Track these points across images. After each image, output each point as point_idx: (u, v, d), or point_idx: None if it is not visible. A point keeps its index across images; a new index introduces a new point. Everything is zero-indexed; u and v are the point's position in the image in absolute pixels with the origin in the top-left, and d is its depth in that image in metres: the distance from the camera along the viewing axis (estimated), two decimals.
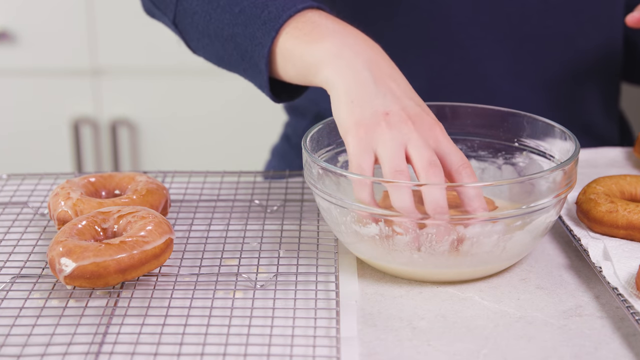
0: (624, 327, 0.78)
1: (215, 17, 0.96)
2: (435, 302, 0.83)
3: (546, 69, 1.15)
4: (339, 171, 0.84)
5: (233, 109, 2.16)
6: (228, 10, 0.95)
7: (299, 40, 0.89)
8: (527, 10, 1.12)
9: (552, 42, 1.14)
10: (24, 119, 2.20)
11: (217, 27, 0.96)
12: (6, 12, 2.12)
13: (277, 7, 0.91)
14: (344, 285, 0.84)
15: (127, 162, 2.23)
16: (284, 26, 0.90)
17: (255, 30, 0.92)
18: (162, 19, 1.05)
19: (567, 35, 1.14)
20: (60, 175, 1.06)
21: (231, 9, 0.95)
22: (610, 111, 1.23)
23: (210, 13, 0.97)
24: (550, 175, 0.83)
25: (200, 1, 0.98)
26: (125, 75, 2.16)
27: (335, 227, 0.87)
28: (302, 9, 0.91)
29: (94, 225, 0.86)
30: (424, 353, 0.75)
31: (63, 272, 0.80)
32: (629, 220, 0.87)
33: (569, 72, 1.16)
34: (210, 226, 0.95)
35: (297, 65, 0.89)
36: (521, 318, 0.80)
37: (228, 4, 0.95)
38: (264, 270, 0.87)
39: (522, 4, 1.11)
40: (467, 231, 0.81)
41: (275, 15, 0.91)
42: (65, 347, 0.75)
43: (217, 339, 0.76)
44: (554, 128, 0.92)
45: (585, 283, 0.86)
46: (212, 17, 0.96)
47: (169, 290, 0.83)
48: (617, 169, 1.08)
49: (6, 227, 0.96)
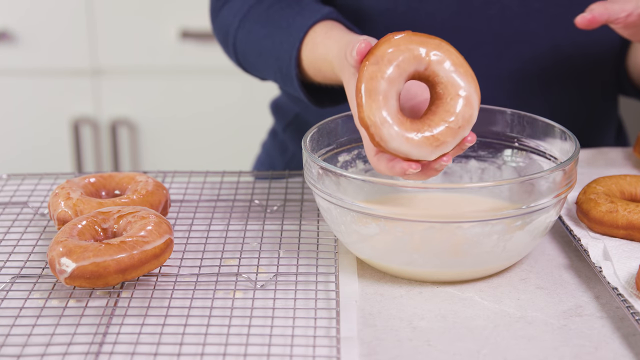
0: (624, 327, 0.78)
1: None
2: (435, 302, 0.83)
3: (527, 73, 1.14)
4: (339, 171, 0.84)
5: (233, 109, 2.16)
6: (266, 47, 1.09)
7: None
8: (508, 13, 1.11)
9: (534, 46, 1.13)
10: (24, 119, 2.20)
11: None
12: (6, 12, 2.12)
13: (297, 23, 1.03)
14: (344, 285, 0.84)
15: (127, 162, 2.23)
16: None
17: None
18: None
19: (550, 39, 1.13)
20: (60, 175, 1.06)
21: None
22: (603, 117, 1.22)
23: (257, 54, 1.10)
24: (550, 175, 0.83)
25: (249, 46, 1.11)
26: (125, 75, 2.16)
27: (335, 227, 0.87)
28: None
29: (94, 225, 0.86)
30: (424, 353, 0.75)
31: (63, 272, 0.80)
32: (629, 220, 0.87)
33: (553, 76, 1.15)
34: (210, 226, 0.95)
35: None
36: (521, 318, 0.80)
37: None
38: (264, 270, 0.87)
39: (503, 8, 1.11)
40: (467, 231, 0.81)
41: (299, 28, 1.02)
42: (65, 347, 0.75)
43: (217, 339, 0.76)
44: (554, 128, 0.92)
45: (585, 283, 0.86)
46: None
47: (169, 290, 0.83)
48: (617, 169, 1.08)
49: (6, 227, 0.96)
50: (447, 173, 0.98)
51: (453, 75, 0.82)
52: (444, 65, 0.82)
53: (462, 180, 0.98)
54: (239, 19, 1.11)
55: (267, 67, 1.09)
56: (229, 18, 1.14)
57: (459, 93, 0.82)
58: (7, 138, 2.21)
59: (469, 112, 0.82)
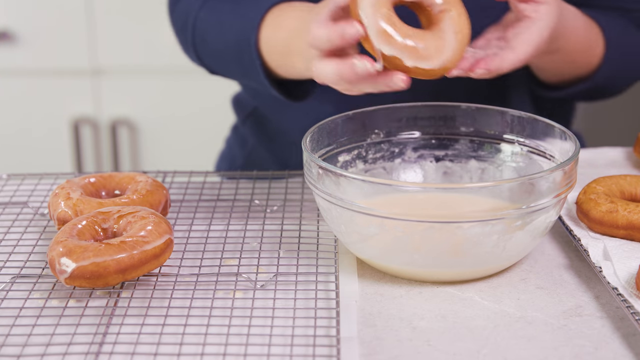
0: (624, 327, 0.78)
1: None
2: (435, 302, 0.83)
3: None
4: (338, 171, 0.84)
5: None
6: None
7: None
8: None
9: None
10: (24, 119, 2.20)
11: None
12: (6, 12, 2.12)
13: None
14: (344, 285, 0.84)
15: (127, 162, 2.23)
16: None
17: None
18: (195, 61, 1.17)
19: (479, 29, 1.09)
20: (60, 175, 1.06)
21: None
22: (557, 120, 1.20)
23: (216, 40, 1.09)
24: (550, 175, 0.83)
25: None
26: (125, 75, 2.16)
27: (335, 227, 0.87)
28: None
29: (94, 225, 0.86)
30: (424, 353, 0.75)
31: (63, 272, 0.80)
32: (629, 220, 0.87)
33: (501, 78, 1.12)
34: (210, 226, 0.95)
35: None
36: (521, 318, 0.80)
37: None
38: (264, 270, 0.87)
39: None
40: (467, 231, 0.81)
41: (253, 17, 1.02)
42: (65, 347, 0.74)
43: (217, 339, 0.76)
44: (554, 128, 0.92)
45: (585, 283, 0.86)
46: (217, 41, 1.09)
47: (169, 290, 0.83)
48: (617, 169, 1.08)
49: (6, 227, 0.96)
50: (447, 173, 0.99)
51: None
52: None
53: (462, 180, 0.98)
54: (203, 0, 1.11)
55: (226, 45, 1.08)
56: (190, 2, 1.14)
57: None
58: (7, 138, 2.22)
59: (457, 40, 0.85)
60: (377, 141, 0.97)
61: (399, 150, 0.98)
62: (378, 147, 0.97)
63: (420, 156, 0.98)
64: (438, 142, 0.98)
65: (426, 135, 0.98)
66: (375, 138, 0.97)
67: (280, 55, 1.01)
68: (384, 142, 0.97)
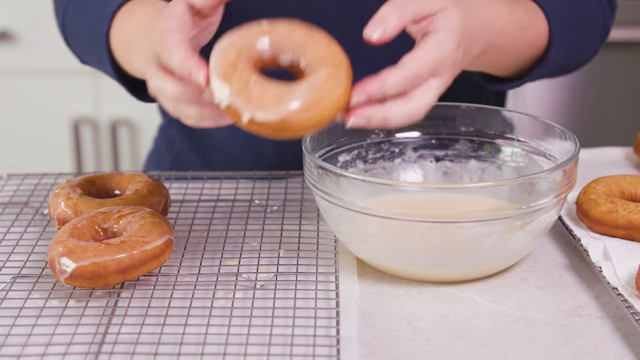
0: (624, 327, 0.78)
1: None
2: (435, 302, 0.83)
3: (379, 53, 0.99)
4: (338, 171, 0.83)
5: None
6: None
7: None
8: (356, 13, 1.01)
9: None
10: (24, 119, 2.20)
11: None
12: (6, 12, 2.12)
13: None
14: (344, 285, 0.84)
15: (127, 162, 2.23)
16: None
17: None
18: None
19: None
20: (60, 175, 1.06)
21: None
22: None
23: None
24: (550, 175, 0.83)
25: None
26: None
27: (335, 227, 0.87)
28: None
29: (94, 225, 0.86)
30: (424, 353, 0.75)
31: (63, 272, 0.80)
32: (629, 220, 0.87)
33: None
34: (210, 226, 0.95)
35: None
36: (521, 318, 0.80)
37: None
38: (264, 270, 0.87)
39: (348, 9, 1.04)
40: (467, 231, 0.81)
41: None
42: (65, 347, 0.74)
43: (217, 339, 0.76)
44: (554, 128, 0.92)
45: (585, 283, 0.86)
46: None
47: (169, 291, 0.83)
48: (617, 169, 1.08)
49: (6, 227, 0.96)
50: (447, 173, 0.99)
51: None
52: None
53: (462, 180, 0.98)
54: None
55: (85, 35, 1.04)
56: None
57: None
58: (7, 138, 2.22)
59: None
60: (377, 141, 0.97)
61: (399, 150, 0.98)
62: (378, 147, 0.97)
63: (420, 156, 0.98)
64: (438, 142, 0.98)
65: (426, 135, 0.98)
66: (375, 138, 0.97)
67: (123, 50, 0.97)
68: (384, 142, 0.97)
